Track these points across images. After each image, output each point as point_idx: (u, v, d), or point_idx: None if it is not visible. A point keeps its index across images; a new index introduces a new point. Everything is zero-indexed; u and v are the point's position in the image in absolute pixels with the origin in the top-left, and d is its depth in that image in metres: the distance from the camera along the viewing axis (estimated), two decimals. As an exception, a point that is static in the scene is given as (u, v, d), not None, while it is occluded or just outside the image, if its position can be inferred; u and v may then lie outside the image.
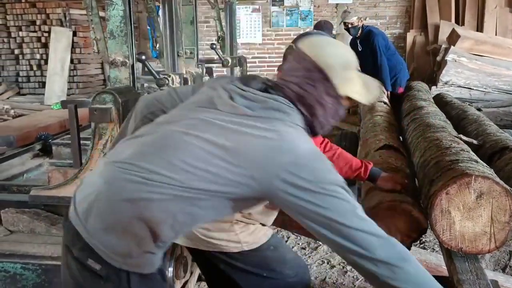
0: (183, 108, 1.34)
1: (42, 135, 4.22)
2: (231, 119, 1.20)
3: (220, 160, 1.16)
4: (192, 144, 1.19)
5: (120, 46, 2.37)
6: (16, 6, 8.36)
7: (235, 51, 4.99)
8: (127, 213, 1.18)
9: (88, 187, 1.29)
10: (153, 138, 1.26)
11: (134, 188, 1.18)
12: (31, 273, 2.03)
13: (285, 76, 1.29)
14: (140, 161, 1.21)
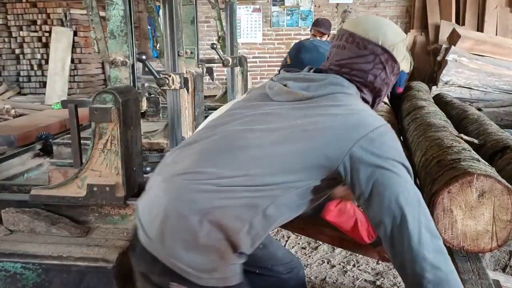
0: (235, 109, 1.29)
1: (42, 135, 4.22)
2: (291, 105, 1.17)
3: (289, 148, 1.11)
4: (256, 138, 1.13)
5: (121, 46, 2.37)
6: (17, 5, 8.37)
7: (236, 51, 4.99)
8: (203, 226, 1.10)
9: (153, 208, 1.18)
10: (212, 141, 1.18)
11: (206, 198, 1.11)
12: (31, 272, 2.03)
13: (338, 63, 1.25)
14: (206, 167, 1.13)
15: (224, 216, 1.10)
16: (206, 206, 1.11)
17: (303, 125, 1.12)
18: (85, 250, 2.07)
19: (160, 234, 1.13)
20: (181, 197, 1.13)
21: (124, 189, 2.27)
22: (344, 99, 1.17)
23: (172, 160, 1.24)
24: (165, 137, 3.32)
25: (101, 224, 2.33)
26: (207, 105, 4.68)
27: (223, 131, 1.20)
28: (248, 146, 1.13)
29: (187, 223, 1.10)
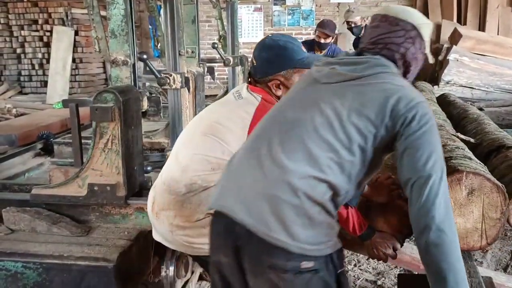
0: (289, 99, 1.44)
1: (43, 134, 4.22)
2: (344, 85, 1.32)
3: (353, 120, 1.27)
4: (321, 117, 1.29)
5: (121, 45, 2.37)
6: (18, 5, 8.37)
7: (237, 51, 4.98)
8: (307, 203, 1.25)
9: (254, 197, 1.29)
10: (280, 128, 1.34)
11: (305, 182, 1.25)
12: (32, 271, 2.03)
13: (373, 41, 1.41)
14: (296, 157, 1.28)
15: (317, 189, 1.27)
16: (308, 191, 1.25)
17: (362, 99, 1.29)
18: (86, 250, 2.07)
19: (280, 222, 1.23)
20: (285, 185, 1.25)
21: (125, 189, 2.27)
22: (389, 77, 1.33)
23: (253, 151, 1.36)
24: (166, 137, 3.32)
25: (101, 224, 2.33)
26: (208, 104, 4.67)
27: (294, 119, 1.34)
28: (321, 126, 1.29)
29: (298, 205, 1.24)
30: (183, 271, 2.50)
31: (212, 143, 1.71)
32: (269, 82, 1.77)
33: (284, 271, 1.23)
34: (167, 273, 2.37)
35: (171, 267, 2.38)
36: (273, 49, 1.77)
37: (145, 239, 2.34)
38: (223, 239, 1.33)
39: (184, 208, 1.73)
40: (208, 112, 1.90)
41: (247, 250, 1.28)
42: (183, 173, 1.74)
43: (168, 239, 1.82)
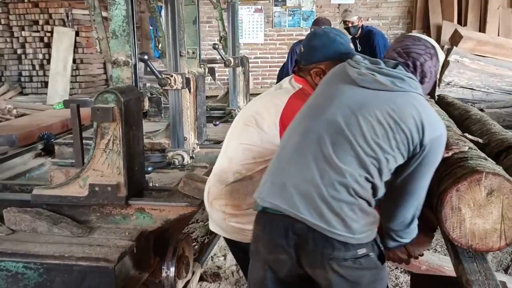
0: (329, 96, 1.51)
1: (44, 135, 4.22)
2: (382, 94, 1.43)
3: (392, 130, 1.40)
4: (365, 122, 1.41)
5: (123, 46, 2.37)
6: (19, 6, 8.38)
7: (237, 51, 4.98)
8: (359, 200, 1.40)
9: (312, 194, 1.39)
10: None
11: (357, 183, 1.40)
12: (33, 272, 2.03)
13: (398, 51, 1.59)
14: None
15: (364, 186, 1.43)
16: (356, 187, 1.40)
17: (399, 109, 1.41)
18: (87, 250, 2.07)
19: (340, 219, 1.37)
20: (341, 186, 1.38)
21: (125, 189, 2.27)
22: (421, 99, 1.48)
23: (298, 150, 1.46)
24: (167, 137, 3.31)
25: (102, 224, 2.33)
26: (208, 105, 4.68)
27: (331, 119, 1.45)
28: (365, 126, 1.41)
29: (355, 204, 1.40)
30: (183, 272, 2.50)
31: (252, 133, 1.80)
32: (311, 69, 1.84)
33: (344, 260, 1.39)
34: (168, 273, 2.37)
35: (172, 267, 2.38)
36: (321, 38, 1.86)
37: (146, 240, 2.34)
38: (284, 237, 1.40)
39: (233, 196, 1.83)
40: (250, 104, 2.03)
41: (308, 246, 1.39)
42: (229, 164, 1.85)
43: (222, 227, 1.89)
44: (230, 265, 3.05)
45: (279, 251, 1.42)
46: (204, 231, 3.60)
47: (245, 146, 1.81)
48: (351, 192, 1.38)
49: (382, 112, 1.40)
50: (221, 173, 1.88)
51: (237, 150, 1.84)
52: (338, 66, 1.61)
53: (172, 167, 3.06)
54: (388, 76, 1.46)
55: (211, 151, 3.36)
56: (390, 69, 1.50)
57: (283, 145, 1.52)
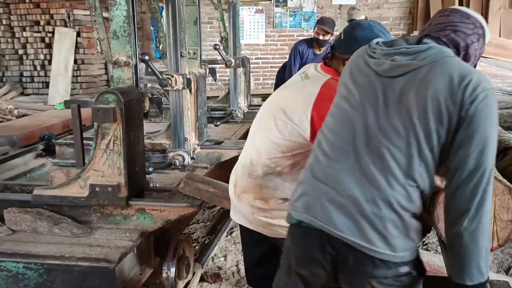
0: (356, 94, 1.38)
1: (45, 135, 4.23)
2: (410, 78, 1.28)
3: (429, 118, 1.25)
4: (400, 120, 1.27)
5: (123, 46, 2.37)
6: (20, 6, 8.39)
7: (238, 52, 4.99)
8: (404, 215, 1.29)
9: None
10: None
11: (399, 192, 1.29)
12: (33, 272, 2.03)
13: (442, 27, 1.39)
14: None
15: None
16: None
17: (433, 89, 1.25)
18: (87, 250, 2.07)
19: (382, 237, 1.28)
20: (383, 202, 1.28)
21: (126, 190, 2.27)
22: (455, 60, 1.31)
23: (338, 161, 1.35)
24: (168, 138, 3.31)
25: (103, 224, 2.33)
26: (209, 106, 4.68)
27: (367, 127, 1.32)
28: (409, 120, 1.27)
29: (399, 220, 1.30)
30: (184, 273, 2.50)
31: (279, 125, 1.75)
32: (347, 59, 1.77)
33: (385, 278, 1.31)
34: (168, 274, 2.37)
35: (172, 268, 2.38)
36: (365, 31, 1.80)
37: (146, 240, 2.34)
38: (320, 252, 1.34)
39: (262, 191, 1.80)
40: (276, 95, 1.95)
41: (347, 263, 1.31)
42: (258, 157, 1.82)
43: (249, 220, 1.88)
44: (230, 265, 3.05)
45: (315, 265, 1.36)
46: (204, 231, 3.60)
47: (272, 139, 1.77)
48: (396, 208, 1.28)
49: (415, 98, 1.26)
50: (250, 165, 1.85)
51: (265, 143, 1.80)
52: (357, 57, 1.46)
53: (173, 167, 3.06)
54: (409, 54, 1.32)
55: (212, 152, 3.36)
56: (411, 46, 1.34)
57: (316, 154, 1.41)
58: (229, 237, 3.46)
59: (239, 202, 1.89)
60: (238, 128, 4.37)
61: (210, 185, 2.42)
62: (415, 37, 1.39)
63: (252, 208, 1.83)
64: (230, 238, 3.44)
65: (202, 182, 2.44)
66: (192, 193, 2.40)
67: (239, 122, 4.63)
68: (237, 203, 1.91)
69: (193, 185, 2.41)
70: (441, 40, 1.36)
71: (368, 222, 1.28)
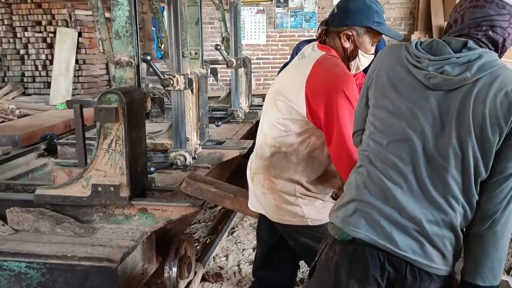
0: (406, 107, 1.31)
1: (47, 135, 4.24)
2: (463, 93, 1.23)
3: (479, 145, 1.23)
4: (457, 143, 1.24)
5: (126, 46, 2.38)
6: (22, 6, 8.41)
7: (240, 52, 4.99)
8: (459, 233, 1.32)
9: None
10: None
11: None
12: (35, 272, 2.04)
13: (478, 23, 1.31)
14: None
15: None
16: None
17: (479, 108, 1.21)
18: (89, 250, 2.07)
19: (437, 253, 1.31)
20: (443, 223, 1.30)
21: (128, 189, 2.28)
22: (502, 70, 1.25)
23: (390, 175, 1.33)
24: (169, 138, 3.32)
25: (105, 224, 2.33)
26: (211, 106, 4.68)
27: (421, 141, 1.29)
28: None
29: (455, 237, 1.33)
30: (186, 272, 2.50)
31: (280, 106, 1.82)
32: (341, 32, 1.84)
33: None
34: (170, 274, 2.37)
35: (174, 268, 2.38)
36: (358, 2, 1.84)
37: (148, 240, 2.34)
38: (378, 269, 1.34)
39: (270, 171, 1.87)
40: (276, 80, 2.02)
41: (406, 281, 1.33)
42: (265, 138, 1.90)
43: (261, 202, 1.92)
44: (232, 265, 3.06)
45: (370, 282, 1.35)
46: (206, 231, 3.60)
47: (275, 121, 1.83)
48: (455, 228, 1.30)
49: (472, 116, 1.21)
50: (260, 148, 1.93)
51: (270, 126, 1.87)
52: (393, 59, 1.37)
53: (175, 167, 3.07)
54: (461, 64, 1.24)
55: (214, 152, 3.36)
56: (460, 54, 1.26)
57: (368, 171, 1.37)
58: (230, 237, 3.46)
59: (253, 183, 1.95)
60: (240, 128, 4.38)
61: (212, 185, 2.42)
62: (458, 41, 1.30)
63: (263, 189, 1.89)
64: (231, 238, 3.44)
65: (204, 182, 2.44)
66: (194, 193, 2.41)
67: (240, 122, 4.64)
68: (251, 186, 1.98)
69: (195, 185, 2.42)
70: (481, 41, 1.30)
71: (429, 241, 1.30)
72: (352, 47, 1.85)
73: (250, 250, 3.24)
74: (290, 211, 1.82)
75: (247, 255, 3.18)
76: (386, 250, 1.31)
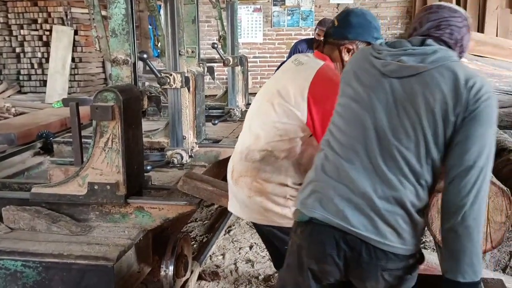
0: (363, 94, 1.39)
1: (43, 133, 4.22)
2: (416, 80, 1.32)
3: (432, 123, 1.29)
4: (409, 122, 1.31)
5: (122, 44, 2.37)
6: (18, 4, 8.36)
7: (236, 51, 4.99)
8: (413, 211, 1.36)
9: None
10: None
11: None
12: (31, 270, 2.03)
13: (436, 24, 1.42)
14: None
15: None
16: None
17: (438, 91, 1.29)
18: (86, 249, 2.07)
19: (391, 231, 1.34)
20: (394, 200, 1.33)
21: (125, 188, 2.27)
22: (456, 66, 1.34)
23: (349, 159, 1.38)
24: (166, 136, 3.32)
25: (101, 223, 2.33)
26: (207, 104, 4.68)
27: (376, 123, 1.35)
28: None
29: (409, 215, 1.36)
30: (182, 271, 2.50)
31: (278, 109, 1.79)
32: (342, 45, 1.85)
33: (397, 270, 1.37)
34: (167, 272, 2.37)
35: (171, 266, 2.38)
36: (359, 17, 1.86)
37: (145, 238, 2.34)
38: (334, 248, 1.37)
39: (259, 175, 1.83)
40: (271, 81, 1.99)
41: (362, 259, 1.35)
42: (256, 141, 1.85)
43: (246, 204, 1.89)
44: (228, 264, 3.06)
45: (329, 262, 1.39)
46: (203, 230, 3.60)
47: (270, 124, 1.80)
48: (406, 205, 1.33)
49: (424, 102, 1.30)
50: (247, 150, 1.87)
51: (263, 127, 1.83)
52: (360, 57, 1.49)
53: (171, 166, 3.07)
54: (416, 55, 1.35)
55: (210, 150, 3.36)
56: (417, 47, 1.38)
57: (326, 153, 1.44)
58: (227, 235, 3.46)
59: (236, 186, 1.91)
60: (236, 127, 4.38)
61: (208, 183, 2.42)
62: (418, 38, 1.41)
63: (249, 192, 1.85)
64: (228, 236, 3.44)
65: (201, 180, 2.44)
66: (191, 191, 2.41)
67: (237, 121, 4.63)
68: (234, 188, 1.93)
69: (192, 183, 2.41)
70: (441, 39, 1.40)
71: (381, 218, 1.33)
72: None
73: (247, 248, 3.25)
74: (279, 213, 1.80)
75: (244, 253, 3.18)
76: (341, 228, 1.34)
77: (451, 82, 1.29)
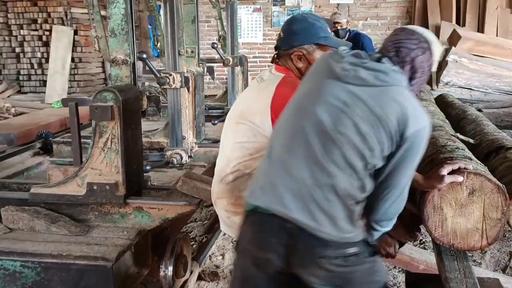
0: (314, 90, 1.49)
1: (42, 133, 4.22)
2: (367, 91, 1.42)
3: (375, 129, 1.39)
4: (351, 121, 1.40)
5: (121, 44, 2.37)
6: (18, 4, 8.36)
7: (236, 51, 4.99)
8: (349, 201, 1.44)
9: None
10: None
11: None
12: (30, 271, 2.03)
13: (389, 45, 1.54)
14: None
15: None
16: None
17: (381, 106, 1.40)
18: (85, 249, 2.07)
19: (326, 218, 1.39)
20: (332, 188, 1.40)
21: (124, 188, 2.27)
22: (405, 92, 1.45)
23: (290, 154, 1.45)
24: (165, 136, 3.32)
25: (100, 223, 2.32)
26: (207, 104, 4.67)
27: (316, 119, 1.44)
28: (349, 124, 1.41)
29: (345, 204, 1.43)
30: (182, 271, 2.50)
31: (244, 129, 1.80)
32: (292, 54, 1.86)
33: (335, 258, 1.41)
34: (166, 272, 2.37)
35: (170, 266, 2.38)
36: (300, 23, 1.88)
37: (144, 239, 2.34)
38: (274, 236, 1.42)
39: (234, 195, 1.84)
40: (238, 101, 2.02)
41: (299, 245, 1.40)
42: (228, 163, 1.86)
43: (227, 224, 1.92)
44: (228, 264, 3.06)
45: (269, 250, 1.43)
46: (202, 230, 3.60)
47: (240, 144, 1.81)
48: (341, 193, 1.39)
49: (365, 109, 1.40)
50: (221, 172, 1.89)
51: (233, 149, 1.84)
52: (322, 59, 1.58)
53: (171, 166, 3.07)
54: (371, 70, 1.44)
55: (210, 150, 3.36)
56: (374, 63, 1.47)
57: (272, 144, 1.52)
58: (226, 235, 3.46)
59: (216, 207, 1.94)
60: (236, 127, 4.37)
61: (208, 184, 2.41)
62: (377, 56, 1.52)
63: (227, 213, 1.87)
64: (227, 236, 3.44)
65: (200, 181, 2.44)
66: (190, 191, 2.40)
67: (237, 121, 4.63)
68: (216, 209, 1.96)
69: (191, 184, 2.41)
70: (392, 59, 1.50)
71: (318, 206, 1.39)
72: (305, 65, 1.85)
73: (247, 248, 3.24)
74: None
75: (244, 253, 3.18)
76: (280, 215, 1.40)
77: (395, 108, 1.39)
